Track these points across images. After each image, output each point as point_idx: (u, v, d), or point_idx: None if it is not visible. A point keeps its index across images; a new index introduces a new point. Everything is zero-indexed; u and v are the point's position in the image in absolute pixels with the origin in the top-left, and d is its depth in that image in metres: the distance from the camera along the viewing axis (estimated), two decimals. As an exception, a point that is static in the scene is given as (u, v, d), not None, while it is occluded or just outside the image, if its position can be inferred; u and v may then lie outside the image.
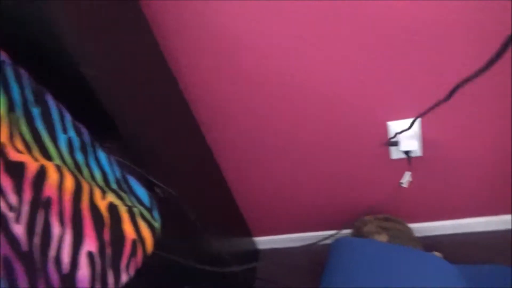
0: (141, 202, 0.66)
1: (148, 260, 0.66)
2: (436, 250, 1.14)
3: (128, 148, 0.73)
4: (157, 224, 0.68)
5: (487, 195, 1.13)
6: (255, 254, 1.35)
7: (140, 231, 0.62)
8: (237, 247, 1.19)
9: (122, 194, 0.63)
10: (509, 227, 1.19)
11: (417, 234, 1.24)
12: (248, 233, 1.33)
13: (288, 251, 1.34)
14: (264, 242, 1.37)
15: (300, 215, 1.28)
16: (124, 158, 0.72)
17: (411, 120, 0.99)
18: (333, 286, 0.92)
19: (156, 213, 0.69)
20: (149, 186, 0.74)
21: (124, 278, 0.58)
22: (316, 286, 1.14)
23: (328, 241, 1.29)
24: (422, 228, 1.23)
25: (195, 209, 0.83)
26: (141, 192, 0.67)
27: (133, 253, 0.60)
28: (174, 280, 0.86)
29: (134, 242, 0.60)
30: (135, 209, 0.63)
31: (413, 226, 1.23)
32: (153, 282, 0.81)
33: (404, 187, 1.07)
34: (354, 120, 1.02)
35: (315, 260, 1.27)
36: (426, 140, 1.04)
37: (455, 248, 1.18)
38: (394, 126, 1.01)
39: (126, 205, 0.61)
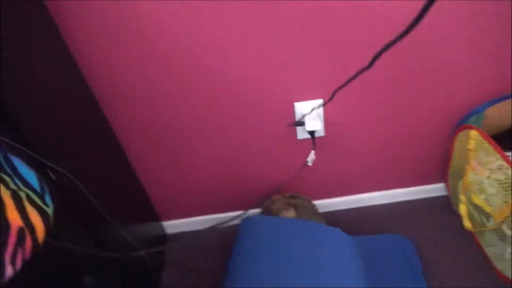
0: (29, 186, 0.58)
1: (40, 250, 0.59)
2: (337, 224, 1.22)
3: (12, 125, 0.64)
4: (49, 210, 0.61)
5: (382, 171, 1.24)
6: (163, 238, 1.31)
7: (29, 217, 0.55)
8: (144, 232, 1.14)
9: (5, 177, 0.55)
10: (400, 199, 1.32)
11: (321, 210, 1.31)
12: (155, 217, 1.28)
13: (197, 234, 1.32)
14: (172, 226, 1.33)
15: (207, 197, 1.26)
16: (7, 136, 0.62)
17: (317, 101, 1.03)
18: (242, 264, 0.93)
19: (48, 198, 0.62)
20: (39, 169, 0.66)
21: (9, 271, 0.51)
22: (226, 266, 1.14)
23: (236, 222, 1.30)
24: (326, 204, 1.31)
25: (95, 193, 0.77)
26: (29, 174, 0.60)
27: (20, 243, 0.53)
28: (74, 270, 0.79)
29: (21, 231, 0.53)
30: (21, 193, 0.55)
31: (318, 202, 1.30)
32: (48, 274, 0.73)
33: (310, 166, 1.12)
34: (262, 102, 1.02)
35: (224, 241, 1.27)
36: (327, 121, 1.09)
37: (353, 221, 1.27)
38: (301, 107, 1.04)
39: (9, 189, 0.53)
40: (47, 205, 0.61)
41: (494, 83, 1.05)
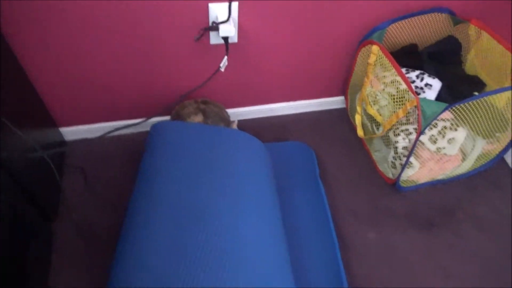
0: None
1: None
2: (246, 131, 1.26)
3: None
4: None
5: (289, 83, 1.28)
6: (63, 145, 1.22)
7: None
8: (40, 138, 1.04)
9: None
10: (304, 110, 1.40)
11: (231, 119, 1.33)
12: (52, 123, 1.17)
13: (99, 140, 1.25)
14: (71, 132, 1.23)
15: (111, 102, 1.18)
16: None
17: (232, 3, 0.99)
18: (152, 171, 0.92)
19: None
20: None
21: None
22: (133, 173, 1.12)
23: (146, 129, 1.26)
24: (235, 112, 1.33)
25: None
26: None
27: None
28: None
29: None
30: None
31: (228, 111, 1.30)
32: None
33: (222, 72, 1.10)
34: (175, 2, 0.95)
35: (132, 147, 1.24)
36: (241, 28, 1.06)
37: (261, 129, 1.32)
38: (215, 8, 0.99)
39: None
40: None
41: (396, 3, 1.11)
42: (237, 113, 1.33)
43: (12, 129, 0.75)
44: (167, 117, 1.25)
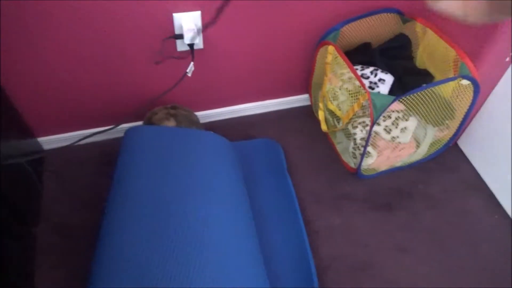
0: None
1: None
2: (216, 132, 1.33)
3: None
4: None
5: (255, 84, 1.36)
6: (41, 153, 1.27)
7: None
8: (18, 149, 1.09)
9: None
10: (271, 109, 1.48)
11: (201, 121, 1.39)
12: (29, 133, 1.22)
13: (77, 147, 1.30)
14: (49, 141, 1.28)
15: (86, 111, 1.24)
16: None
17: (195, 12, 1.06)
18: (126, 173, 0.98)
19: None
20: None
21: None
22: (109, 175, 1.18)
23: (118, 135, 1.32)
24: (205, 114, 1.40)
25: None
26: None
27: None
28: None
29: None
30: None
31: (198, 113, 1.37)
32: None
33: (189, 77, 1.17)
34: (141, 12, 1.01)
35: (106, 152, 1.29)
36: (206, 35, 1.13)
37: (230, 129, 1.40)
38: (180, 18, 1.06)
39: None
40: None
41: (349, 5, 1.21)
42: (206, 115, 1.40)
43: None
44: (138, 123, 1.31)
